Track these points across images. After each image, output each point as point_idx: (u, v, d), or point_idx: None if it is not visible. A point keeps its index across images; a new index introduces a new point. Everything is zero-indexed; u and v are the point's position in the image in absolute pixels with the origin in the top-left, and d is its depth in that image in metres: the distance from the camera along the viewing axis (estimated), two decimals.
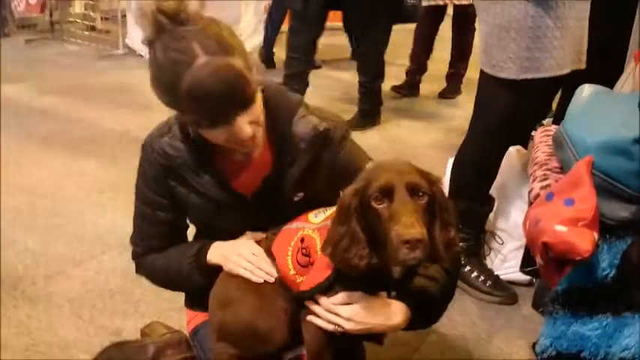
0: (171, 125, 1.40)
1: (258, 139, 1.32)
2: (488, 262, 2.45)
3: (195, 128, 1.33)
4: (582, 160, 1.54)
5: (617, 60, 2.45)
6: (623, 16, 2.58)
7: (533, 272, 2.23)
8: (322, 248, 1.22)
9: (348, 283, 1.25)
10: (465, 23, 4.69)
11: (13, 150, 3.50)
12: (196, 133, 1.34)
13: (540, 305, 2.11)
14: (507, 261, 2.41)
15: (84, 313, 2.16)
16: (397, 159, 1.22)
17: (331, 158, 1.41)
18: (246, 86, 1.22)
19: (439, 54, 4.98)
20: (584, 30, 2.03)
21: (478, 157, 2.26)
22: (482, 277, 2.34)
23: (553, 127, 1.98)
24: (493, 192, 2.36)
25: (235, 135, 1.26)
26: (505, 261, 2.42)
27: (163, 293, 1.89)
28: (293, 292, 1.34)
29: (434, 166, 1.42)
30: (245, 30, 5.74)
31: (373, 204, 1.14)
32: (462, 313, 2.23)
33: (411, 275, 1.29)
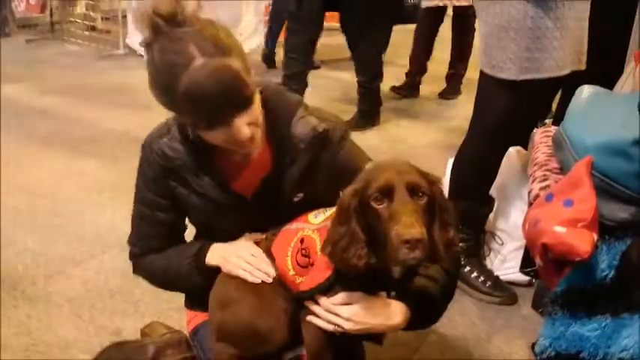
0: (170, 126, 1.40)
1: (256, 140, 1.32)
2: (488, 263, 2.45)
3: (193, 130, 1.33)
4: (582, 160, 1.54)
5: (617, 60, 2.45)
6: (623, 17, 2.58)
7: (532, 273, 2.23)
8: (322, 248, 1.23)
9: (348, 283, 1.25)
10: (465, 24, 4.69)
11: (13, 150, 3.51)
12: (195, 134, 1.34)
13: (540, 306, 2.11)
14: (507, 261, 2.41)
15: (84, 313, 2.16)
16: (397, 159, 1.22)
17: (330, 159, 1.41)
18: (244, 87, 1.22)
19: (439, 54, 4.98)
20: (584, 30, 2.03)
21: (478, 157, 2.26)
22: (482, 278, 2.34)
23: (553, 128, 1.99)
24: (493, 192, 2.36)
25: (234, 136, 1.26)
26: (505, 261, 2.41)
27: (163, 293, 1.89)
28: (293, 293, 1.34)
29: (434, 166, 1.42)
30: (245, 30, 5.75)
31: (373, 204, 1.14)
32: (461, 314, 2.23)
33: (410, 275, 1.29)
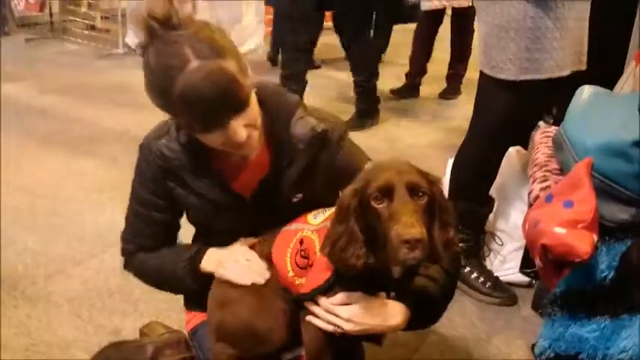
0: (169, 127, 1.40)
1: (254, 142, 1.32)
2: (488, 263, 2.45)
3: (190, 132, 1.33)
4: (582, 161, 1.54)
5: (617, 60, 2.45)
6: (623, 17, 2.57)
7: (532, 274, 2.23)
8: (321, 248, 1.22)
9: (347, 283, 1.25)
10: (464, 24, 4.68)
11: (13, 149, 3.50)
12: (193, 135, 1.34)
13: (539, 307, 2.10)
14: (507, 262, 2.41)
15: (83, 313, 2.16)
16: (396, 159, 1.21)
17: (330, 159, 1.40)
18: (239, 90, 1.22)
19: (439, 54, 4.97)
20: (585, 31, 2.03)
21: (478, 157, 2.26)
22: (481, 278, 2.34)
23: (553, 129, 1.99)
24: (493, 193, 2.36)
25: (230, 138, 1.25)
26: (505, 262, 2.41)
27: (162, 293, 1.87)
28: (292, 294, 1.34)
29: (433, 166, 1.41)
30: (246, 30, 5.75)
31: (373, 204, 1.13)
32: (461, 314, 2.23)
33: (410, 276, 1.29)
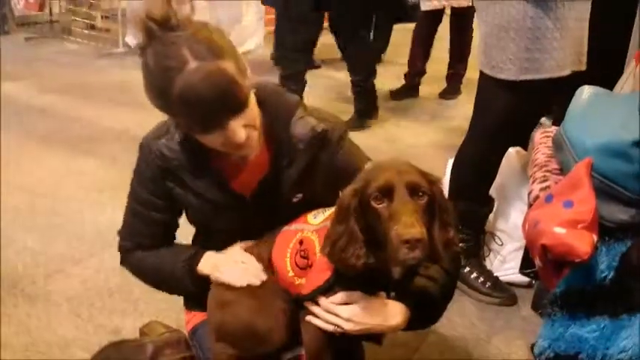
0: (168, 127, 1.40)
1: (253, 142, 1.32)
2: (488, 263, 2.45)
3: (189, 133, 1.32)
4: (582, 162, 1.54)
5: (617, 61, 2.45)
6: (623, 17, 2.58)
7: (532, 274, 2.23)
8: (321, 248, 1.22)
9: (347, 284, 1.25)
10: (464, 24, 4.67)
11: (13, 148, 3.50)
12: (193, 135, 1.34)
13: (539, 307, 2.10)
14: (507, 262, 2.41)
15: (83, 312, 2.16)
16: (396, 159, 1.21)
17: (329, 159, 1.40)
18: (238, 90, 1.22)
19: (439, 54, 4.96)
20: (585, 31, 2.03)
21: (478, 157, 2.26)
22: (481, 278, 2.34)
23: (553, 129, 1.99)
24: (493, 193, 2.36)
25: (229, 139, 1.25)
26: (504, 262, 2.41)
27: (162, 293, 1.88)
28: (292, 295, 1.34)
29: (433, 166, 1.41)
30: (246, 29, 5.75)
31: (373, 204, 1.13)
32: (461, 314, 2.22)
33: (410, 276, 1.29)
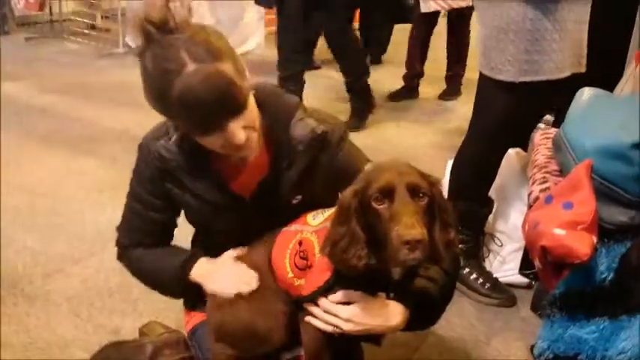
0: (167, 128, 1.40)
1: (253, 144, 1.32)
2: (487, 264, 2.45)
3: (189, 135, 1.33)
4: (582, 163, 1.54)
5: (617, 61, 2.45)
6: (623, 18, 2.58)
7: (532, 275, 2.23)
8: (321, 249, 1.22)
9: (347, 284, 1.25)
10: (461, 25, 4.66)
11: (13, 148, 3.51)
12: (192, 137, 1.34)
13: (539, 308, 2.11)
14: (506, 263, 2.41)
15: (82, 312, 2.16)
16: (397, 160, 1.21)
17: (329, 160, 1.40)
18: (237, 92, 1.22)
19: (438, 54, 4.97)
20: (584, 33, 2.03)
21: (478, 158, 2.26)
22: (480, 279, 2.34)
23: (553, 130, 1.99)
24: (492, 194, 2.36)
25: (229, 140, 1.25)
26: (504, 263, 2.41)
27: None
28: (292, 296, 1.34)
29: (433, 167, 1.42)
30: (246, 29, 5.75)
31: (373, 204, 1.13)
32: (460, 315, 2.22)
33: (410, 277, 1.29)
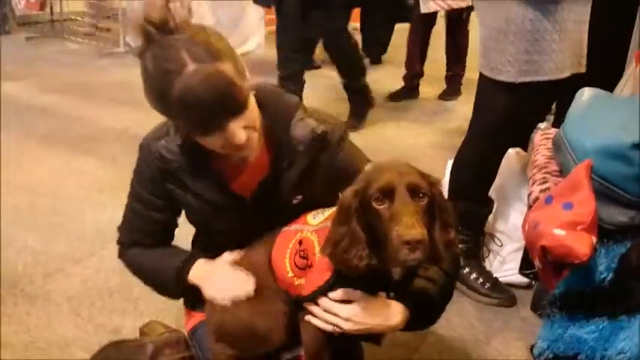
0: (168, 128, 1.40)
1: (253, 144, 1.32)
2: (487, 264, 2.45)
3: (189, 135, 1.33)
4: (581, 164, 1.54)
5: (617, 61, 2.45)
6: (623, 18, 2.58)
7: (532, 275, 2.23)
8: (322, 249, 1.22)
9: (347, 284, 1.25)
10: (458, 25, 4.66)
11: (13, 148, 3.51)
12: (193, 137, 1.34)
13: (539, 308, 2.11)
14: (506, 263, 2.41)
15: (83, 311, 2.16)
16: (397, 160, 1.21)
17: (329, 161, 1.41)
18: (237, 92, 1.22)
19: (438, 54, 4.96)
20: (584, 33, 2.03)
21: (478, 158, 2.26)
22: (480, 279, 2.34)
23: (553, 130, 1.99)
24: (492, 194, 2.36)
25: (229, 141, 1.25)
26: (504, 263, 2.42)
27: None
28: (292, 295, 1.34)
29: (433, 167, 1.42)
30: (246, 29, 5.75)
31: (374, 204, 1.13)
32: (460, 315, 2.23)
33: (410, 277, 1.30)
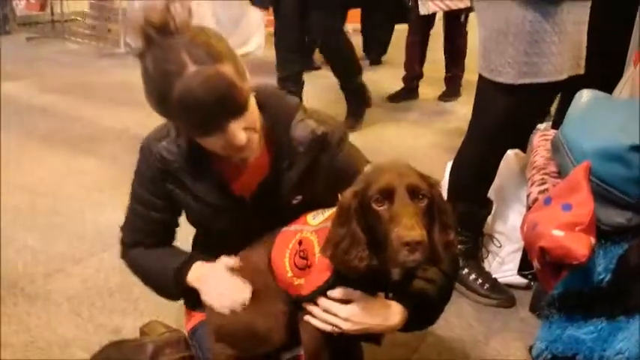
0: (169, 129, 1.40)
1: (253, 145, 1.32)
2: (486, 265, 2.46)
3: (190, 137, 1.33)
4: (580, 165, 1.55)
5: (617, 62, 2.45)
6: (623, 18, 2.58)
7: (530, 275, 2.24)
8: (322, 250, 1.23)
9: (347, 284, 1.26)
10: (456, 26, 4.65)
11: (13, 148, 3.51)
12: (193, 138, 1.35)
13: (537, 308, 2.11)
14: (505, 264, 2.41)
15: (83, 311, 2.17)
16: (396, 161, 1.22)
17: (329, 161, 1.41)
18: (238, 93, 1.22)
19: (437, 55, 4.96)
20: (583, 35, 2.03)
21: (477, 159, 2.26)
22: (479, 280, 2.35)
23: (552, 132, 1.99)
24: (491, 195, 2.36)
25: (230, 142, 1.26)
26: (503, 264, 2.42)
27: None
28: (292, 296, 1.35)
29: (433, 168, 1.42)
30: (246, 30, 5.75)
31: (373, 206, 1.14)
32: (459, 316, 2.23)
33: (409, 277, 1.30)
